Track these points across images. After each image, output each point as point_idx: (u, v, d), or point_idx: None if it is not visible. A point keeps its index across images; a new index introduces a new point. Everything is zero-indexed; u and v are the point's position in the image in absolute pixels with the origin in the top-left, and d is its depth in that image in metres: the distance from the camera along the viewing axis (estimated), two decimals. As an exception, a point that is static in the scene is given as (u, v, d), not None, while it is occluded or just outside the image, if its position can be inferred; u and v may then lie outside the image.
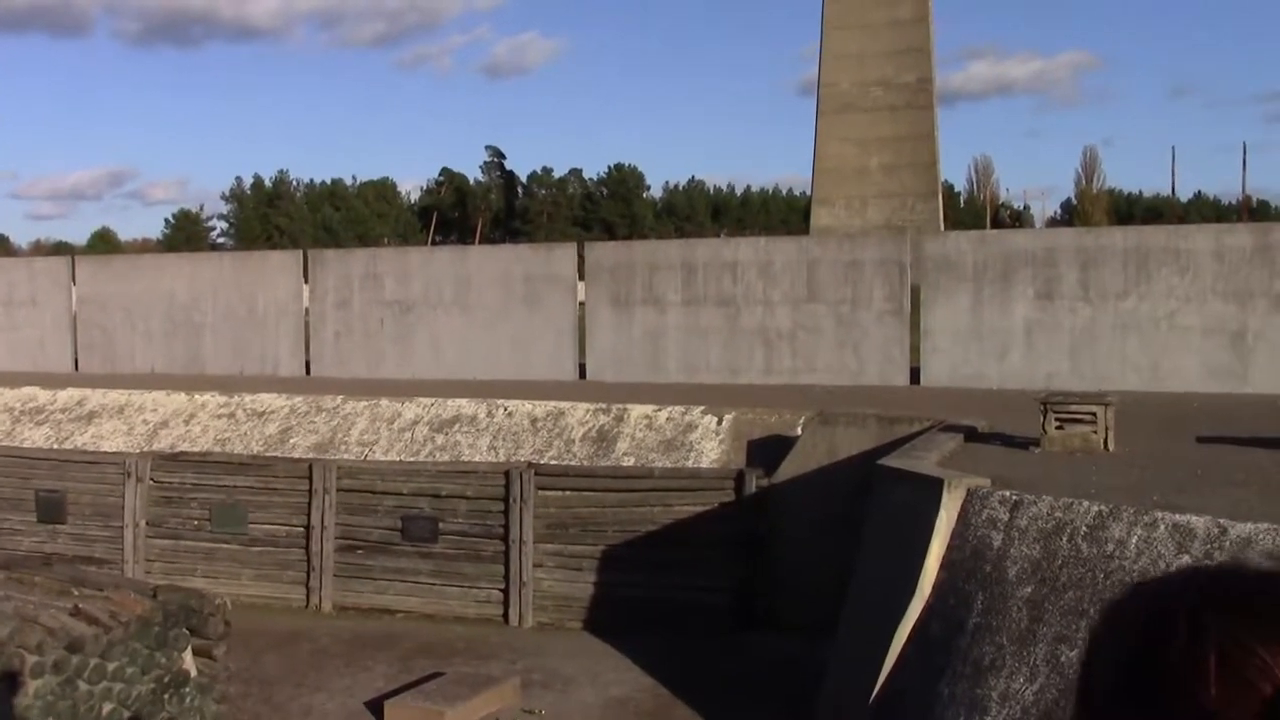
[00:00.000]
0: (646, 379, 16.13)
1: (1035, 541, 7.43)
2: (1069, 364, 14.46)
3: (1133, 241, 14.82)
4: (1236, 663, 0.87)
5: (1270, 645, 0.86)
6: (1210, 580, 0.93)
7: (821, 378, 15.56)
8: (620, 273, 16.69)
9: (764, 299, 16.00)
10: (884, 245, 16.07)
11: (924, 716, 7.34)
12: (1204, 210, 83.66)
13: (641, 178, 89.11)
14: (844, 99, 28.40)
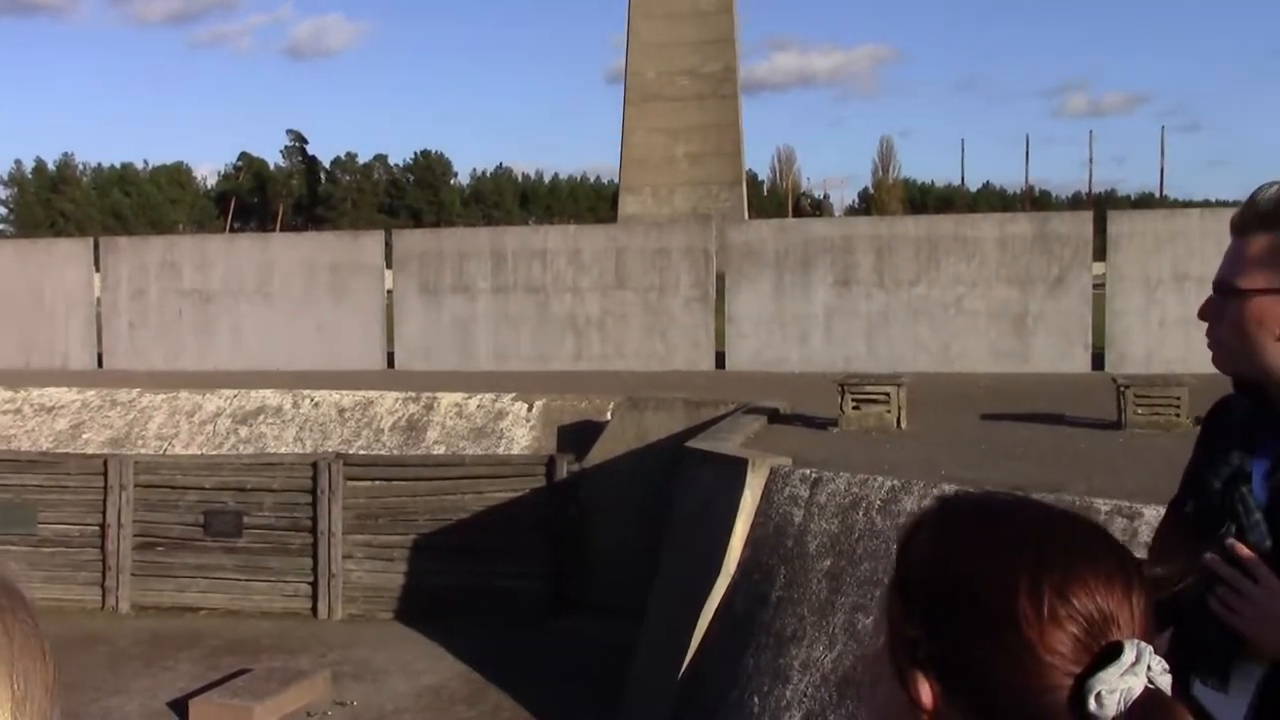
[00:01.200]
0: (456, 367, 16.08)
1: (834, 516, 7.77)
2: (866, 347, 15.05)
3: (923, 230, 15.52)
4: (1064, 608, 0.97)
5: (1097, 596, 0.97)
6: (1019, 522, 1.04)
7: (630, 363, 15.79)
8: (429, 261, 16.56)
9: (573, 286, 16.13)
10: (690, 233, 16.41)
11: (729, 689, 7.60)
12: (991, 200, 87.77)
13: (449, 164, 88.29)
14: (651, 88, 28.71)
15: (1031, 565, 0.98)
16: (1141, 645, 0.96)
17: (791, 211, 63.72)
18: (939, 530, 1.06)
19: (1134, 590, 0.99)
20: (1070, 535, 1.01)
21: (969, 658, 0.99)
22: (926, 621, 1.02)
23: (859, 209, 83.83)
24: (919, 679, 1.01)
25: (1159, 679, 0.96)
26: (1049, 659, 0.96)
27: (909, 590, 1.05)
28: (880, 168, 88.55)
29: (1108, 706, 0.95)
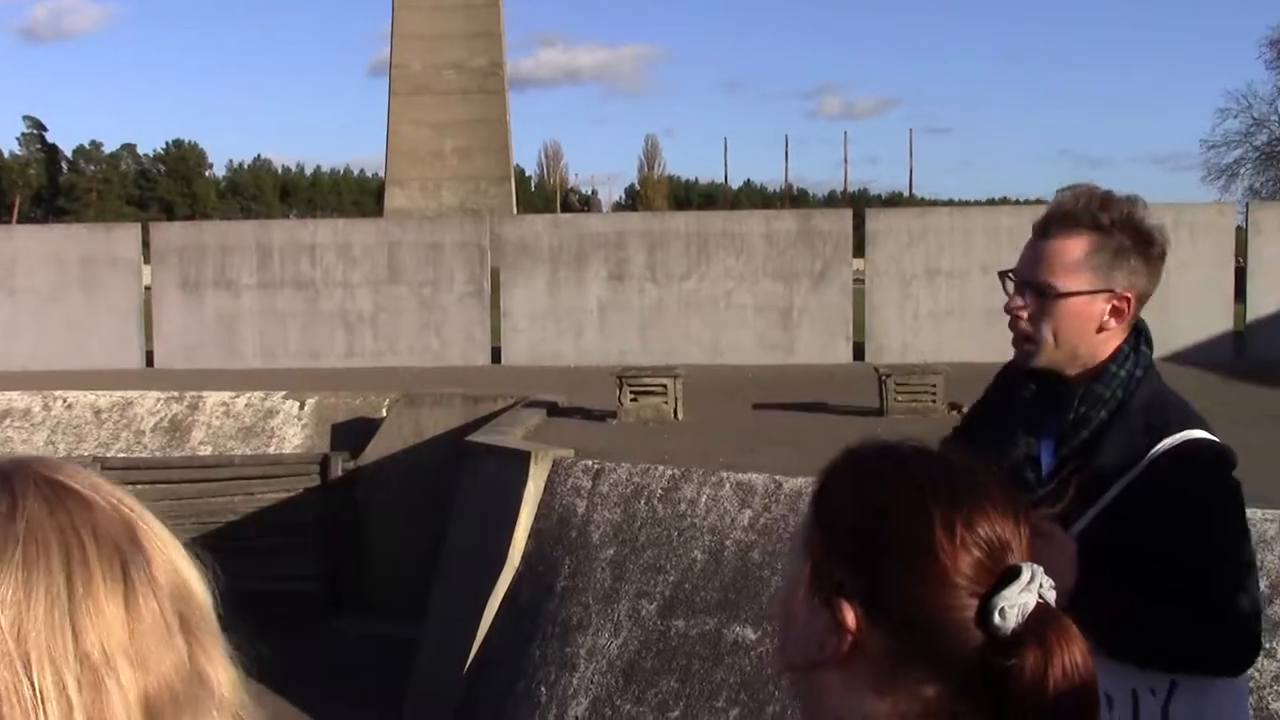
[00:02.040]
0: (221, 365, 15.50)
1: (616, 506, 7.92)
2: (639, 341, 15.32)
3: (694, 226, 15.91)
4: (970, 535, 1.11)
5: (995, 525, 1.11)
6: (931, 467, 1.17)
7: (405, 359, 15.60)
8: (190, 255, 15.91)
9: (344, 282, 15.81)
10: (464, 228, 16.32)
11: (516, 680, 7.65)
12: (753, 197, 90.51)
13: (203, 155, 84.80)
14: (416, 81, 28.36)
15: (943, 501, 1.11)
16: (1035, 567, 1.10)
17: (560, 207, 64.04)
18: (856, 476, 1.18)
19: (1023, 522, 1.13)
20: (971, 476, 1.15)
21: (889, 585, 1.11)
22: (849, 556, 1.14)
23: (626, 205, 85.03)
24: (844, 607, 1.13)
25: (1048, 595, 1.10)
26: (959, 581, 1.09)
27: (830, 531, 1.16)
28: (646, 165, 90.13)
29: (1009, 619, 1.08)
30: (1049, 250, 2.33)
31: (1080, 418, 2.31)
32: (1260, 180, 38.28)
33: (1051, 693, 1.06)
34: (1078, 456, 2.29)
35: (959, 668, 1.10)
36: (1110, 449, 2.27)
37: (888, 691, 1.13)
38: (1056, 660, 1.07)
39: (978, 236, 15.03)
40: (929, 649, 1.11)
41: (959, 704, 1.11)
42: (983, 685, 1.09)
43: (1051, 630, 1.08)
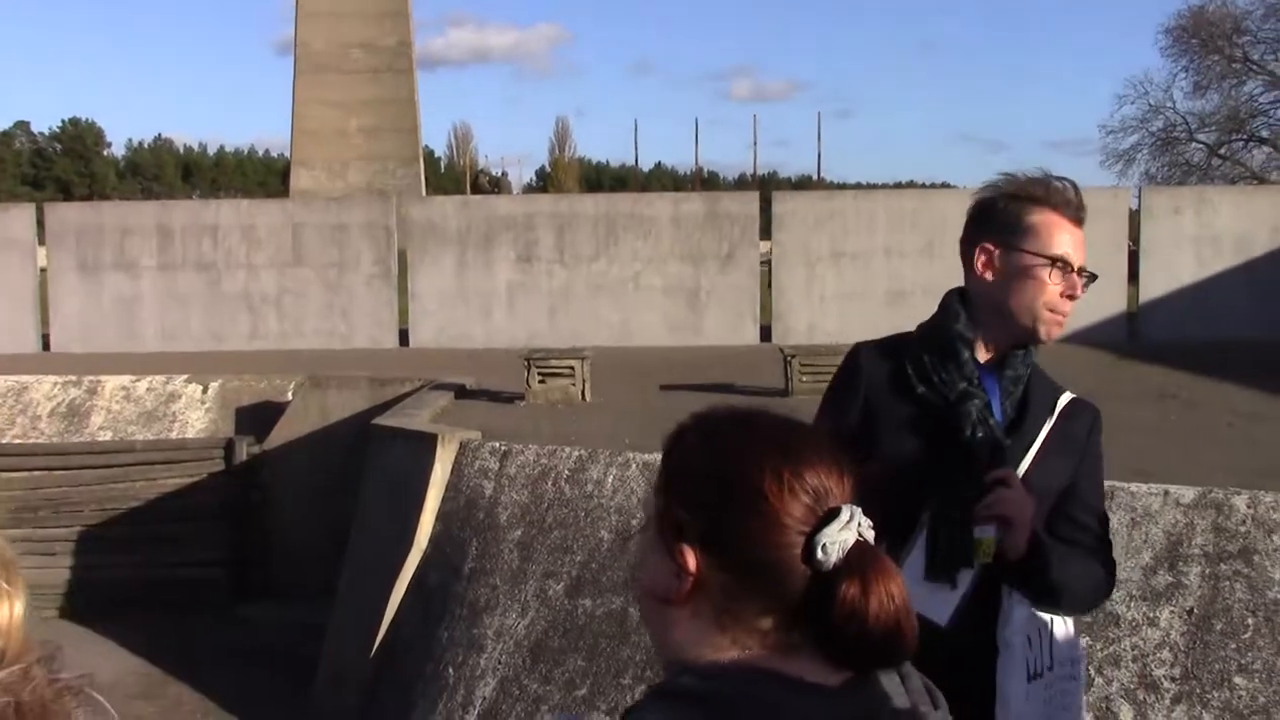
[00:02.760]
0: (121, 348, 15.19)
1: (524, 487, 7.95)
2: (548, 323, 15.33)
3: (603, 208, 15.94)
4: (799, 483, 1.25)
5: (820, 474, 1.27)
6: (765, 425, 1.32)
7: (310, 342, 15.43)
8: (87, 236, 15.55)
9: (247, 263, 15.57)
10: (370, 209, 16.16)
11: (424, 662, 7.66)
12: (664, 180, 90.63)
13: (101, 134, 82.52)
14: (322, 59, 27.91)
15: (775, 453, 1.25)
16: (854, 508, 1.24)
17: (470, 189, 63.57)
18: (701, 432, 1.32)
19: (846, 472, 1.28)
20: (801, 432, 1.30)
21: (726, 528, 1.25)
22: (690, 503, 1.27)
23: (537, 187, 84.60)
24: (685, 550, 1.26)
25: (867, 534, 1.24)
26: (787, 522, 1.23)
27: (674, 479, 1.30)
28: (557, 146, 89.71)
29: (830, 554, 1.22)
30: (1083, 239, 2.57)
31: (1019, 375, 2.53)
32: (1156, 165, 39.33)
33: (868, 621, 1.20)
34: (1017, 411, 2.52)
35: (790, 601, 1.23)
36: (1035, 402, 2.52)
37: (728, 625, 1.25)
38: (873, 592, 1.20)
39: (881, 219, 15.28)
40: (763, 585, 1.24)
41: (792, 635, 1.24)
42: (811, 616, 1.22)
43: (869, 565, 1.22)
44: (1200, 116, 38.89)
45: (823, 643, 1.22)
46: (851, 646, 1.21)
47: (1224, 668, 5.56)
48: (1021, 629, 2.43)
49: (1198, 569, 5.90)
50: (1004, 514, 2.32)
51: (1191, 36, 37.65)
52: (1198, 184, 33.47)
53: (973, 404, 2.45)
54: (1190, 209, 15.25)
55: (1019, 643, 2.42)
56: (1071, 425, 2.52)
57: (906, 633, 1.22)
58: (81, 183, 74.92)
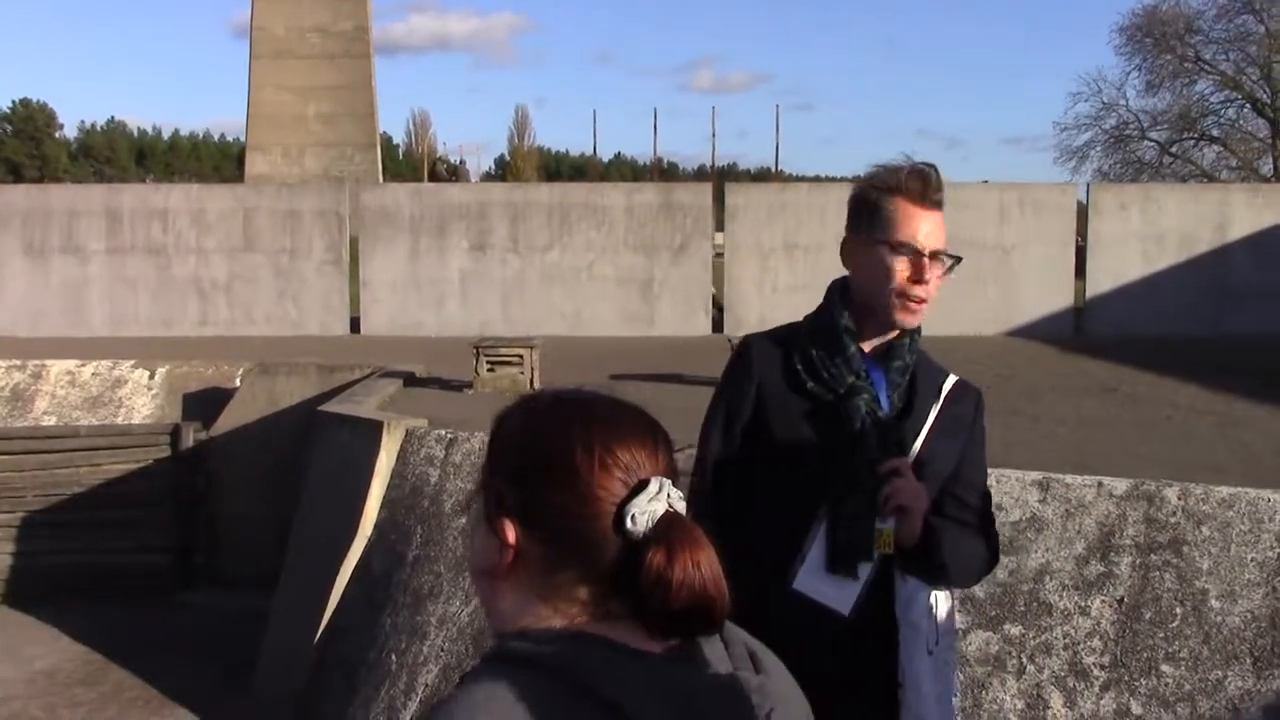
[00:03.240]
0: (68, 333, 15.03)
1: (469, 475, 7.95)
2: (501, 312, 15.31)
3: (556, 197, 15.93)
4: (611, 458, 1.30)
5: (632, 450, 1.31)
6: (581, 403, 1.37)
7: (261, 329, 15.33)
8: (34, 219, 15.35)
9: (198, 248, 15.44)
10: (323, 195, 16.06)
11: (367, 649, 7.65)
12: (623, 170, 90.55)
13: (53, 115, 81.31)
14: (279, 44, 27.74)
15: (588, 430, 1.31)
16: (664, 480, 1.28)
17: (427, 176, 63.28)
18: (522, 414, 1.37)
19: (660, 447, 1.33)
20: (616, 410, 1.35)
21: (542, 501, 1.30)
22: (510, 479, 1.32)
23: (496, 175, 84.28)
24: (505, 523, 1.31)
25: (676, 504, 1.28)
26: (599, 494, 1.27)
27: (496, 459, 1.35)
28: (516, 135, 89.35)
29: (640, 524, 1.26)
30: (941, 221, 2.58)
31: (906, 365, 2.56)
32: (1109, 162, 39.78)
33: (673, 588, 1.24)
34: (904, 397, 2.57)
35: (605, 571, 1.28)
36: (921, 388, 2.57)
37: (549, 596, 1.30)
38: (678, 560, 1.24)
39: (833, 212, 15.35)
40: (578, 556, 1.28)
41: (609, 602, 1.29)
42: (625, 586, 1.26)
43: (676, 534, 1.26)
44: (1152, 115, 39.39)
45: (638, 612, 1.27)
46: (659, 613, 1.25)
47: (1152, 656, 5.67)
48: (923, 610, 2.51)
49: (1129, 559, 6.01)
50: (900, 504, 2.38)
51: (1145, 35, 38.09)
52: (1149, 181, 33.91)
53: (860, 398, 2.50)
54: (1136, 206, 15.46)
55: (924, 625, 2.49)
56: (957, 408, 2.57)
57: (715, 601, 1.26)
58: (32, 165, 73.82)
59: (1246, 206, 15.44)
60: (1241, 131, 39.05)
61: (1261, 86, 38.09)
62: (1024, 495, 6.38)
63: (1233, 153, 38.66)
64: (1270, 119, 37.92)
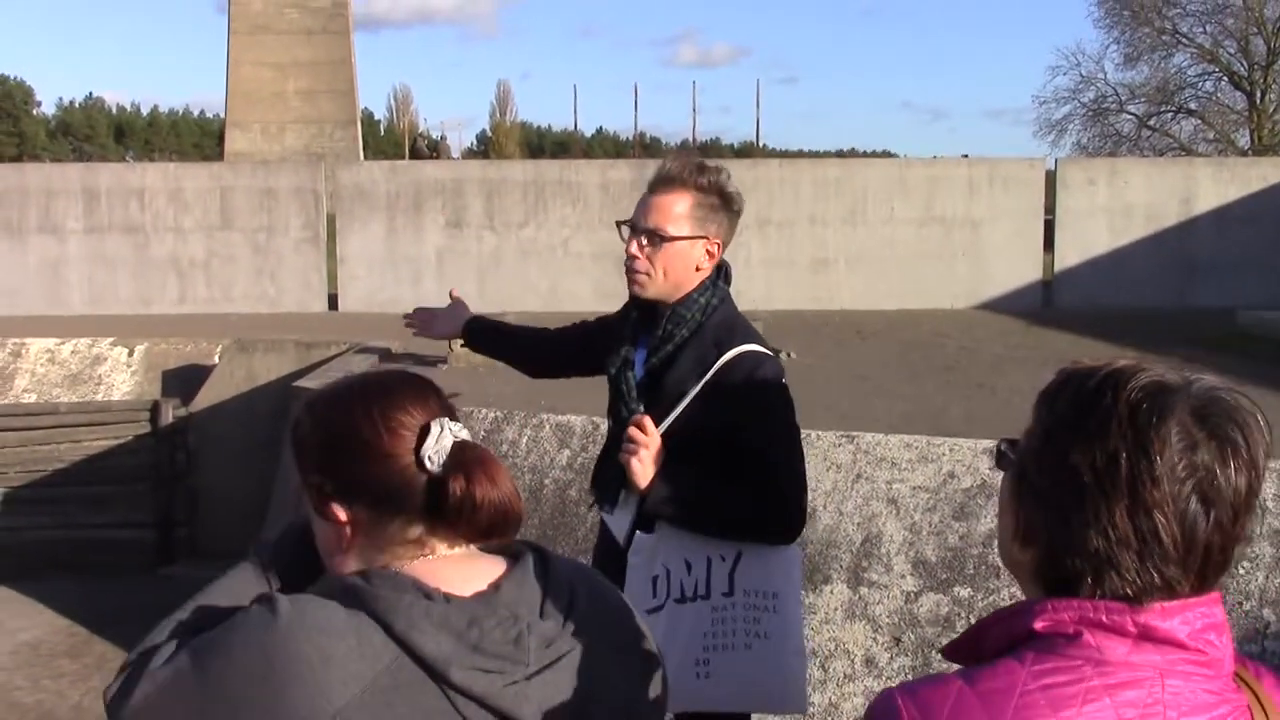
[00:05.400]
0: (46, 312, 15.13)
1: (440, 448, 8.14)
2: (477, 288, 15.42)
3: (531, 174, 16.06)
4: (392, 421, 1.50)
5: (406, 409, 1.51)
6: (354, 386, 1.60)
7: (239, 306, 15.45)
8: (10, 199, 15.41)
9: (175, 227, 15.53)
10: (299, 173, 16.15)
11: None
12: (605, 145, 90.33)
13: (30, 92, 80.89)
14: (257, 19, 27.70)
15: (365, 406, 1.52)
16: (442, 420, 1.50)
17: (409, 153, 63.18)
18: (311, 414, 1.57)
19: (431, 397, 1.56)
20: (384, 380, 1.58)
21: (354, 475, 1.50)
22: (321, 471, 1.53)
23: (478, 151, 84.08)
24: (332, 507, 1.52)
25: (461, 435, 1.51)
26: (395, 452, 1.49)
27: (305, 458, 1.55)
28: (498, 110, 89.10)
29: (436, 462, 1.48)
30: (659, 204, 2.90)
31: (667, 335, 2.89)
32: (1088, 136, 40.00)
33: (479, 504, 1.48)
34: (664, 365, 2.88)
35: (423, 508, 1.50)
36: (687, 360, 2.85)
37: (384, 545, 1.52)
38: (476, 480, 1.48)
39: (806, 188, 15.54)
40: (396, 505, 1.50)
41: (435, 533, 1.51)
42: (440, 515, 1.49)
43: (469, 459, 1.49)
44: (1130, 88, 39.59)
45: (454, 531, 1.51)
46: (466, 526, 1.49)
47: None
48: (649, 553, 2.79)
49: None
50: (628, 451, 2.72)
51: (1123, 8, 38.25)
52: (1126, 155, 34.14)
53: (612, 359, 2.98)
54: (1103, 180, 15.66)
55: (639, 563, 2.78)
56: (729, 376, 2.81)
57: (511, 509, 1.51)
58: (10, 143, 73.40)
59: (1212, 180, 15.66)
60: (1219, 104, 39.27)
61: (1239, 59, 38.30)
62: (975, 463, 6.59)
63: (1210, 125, 38.89)
64: (1247, 92, 38.15)
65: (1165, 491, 1.22)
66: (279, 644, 1.38)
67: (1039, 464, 1.31)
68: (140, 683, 1.44)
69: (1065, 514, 1.26)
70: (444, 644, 1.41)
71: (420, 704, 1.40)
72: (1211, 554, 1.24)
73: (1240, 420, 1.26)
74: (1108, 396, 1.27)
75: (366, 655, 1.39)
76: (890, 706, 1.24)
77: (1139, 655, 1.23)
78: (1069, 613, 1.24)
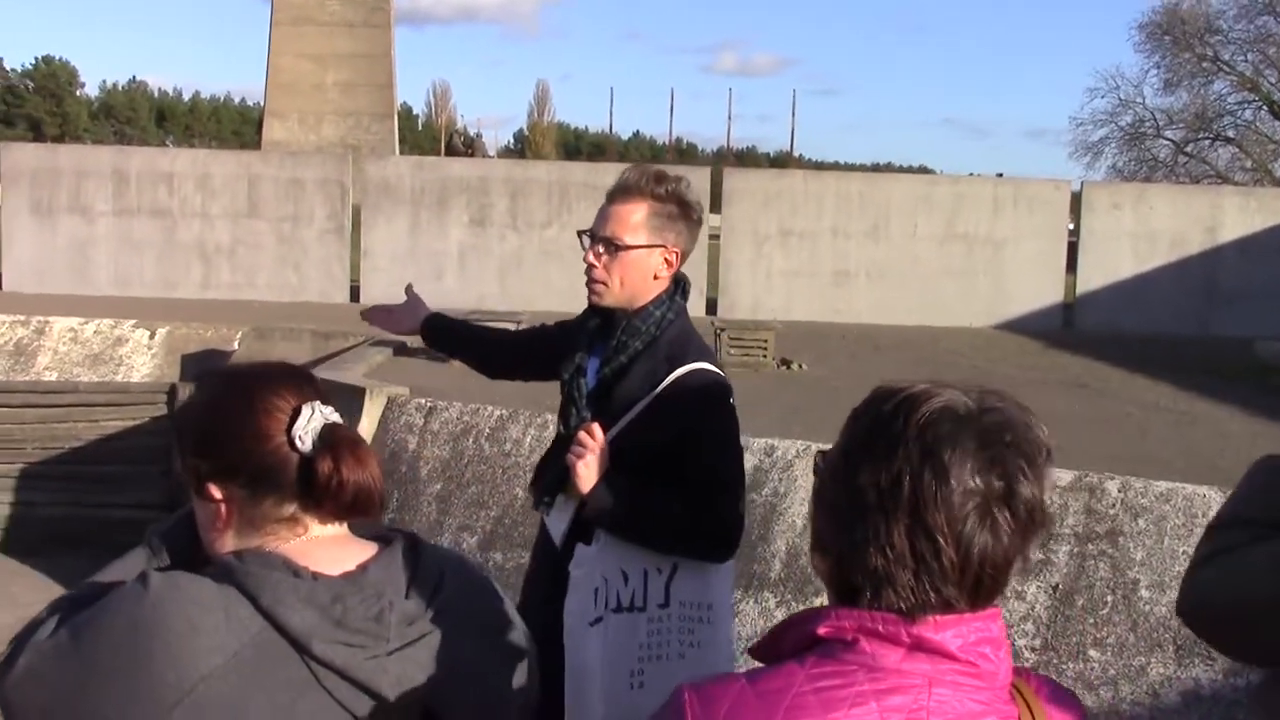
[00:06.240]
0: (73, 291, 15.32)
1: (446, 443, 8.22)
2: (498, 286, 15.54)
3: (556, 175, 16.14)
4: (267, 404, 1.58)
5: (280, 393, 1.59)
6: (231, 374, 1.71)
7: (263, 294, 15.60)
8: (43, 178, 15.62)
9: (202, 212, 15.70)
10: (326, 165, 16.29)
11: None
12: (641, 149, 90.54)
13: (74, 74, 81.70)
14: (299, 11, 27.93)
15: (242, 390, 1.61)
16: (314, 404, 1.59)
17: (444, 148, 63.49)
18: (193, 401, 1.68)
19: (304, 384, 1.65)
20: (259, 368, 1.68)
21: (230, 456, 1.58)
22: (200, 454, 1.60)
23: (514, 150, 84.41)
24: (209, 487, 1.59)
25: (332, 417, 1.60)
26: (268, 433, 1.57)
27: (187, 443, 1.63)
28: (536, 110, 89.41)
29: (307, 442, 1.56)
30: (616, 213, 2.94)
31: (620, 345, 2.91)
32: (1124, 159, 39.80)
33: (345, 484, 1.56)
34: (616, 376, 2.89)
35: (296, 486, 1.57)
36: (638, 373, 2.87)
37: (259, 523, 1.60)
38: (344, 461, 1.57)
39: (830, 201, 15.54)
40: (269, 482, 1.57)
41: (307, 511, 1.59)
42: (310, 493, 1.57)
43: (337, 441, 1.58)
44: (1169, 113, 39.36)
45: (322, 509, 1.58)
46: (333, 504, 1.57)
47: (1080, 640, 5.90)
48: (589, 565, 2.82)
49: (1067, 548, 6.24)
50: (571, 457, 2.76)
51: (1164, 33, 38.02)
52: (1164, 180, 33.93)
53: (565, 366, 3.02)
54: (1129, 205, 15.60)
55: (581, 576, 2.83)
56: (677, 392, 2.83)
57: (374, 489, 1.60)
58: (53, 122, 74.20)
59: (1239, 210, 15.57)
60: (1257, 133, 39.00)
61: (1279, 89, 38.01)
62: (972, 482, 6.62)
63: (1247, 154, 38.61)
64: (1286, 121, 37.86)
65: (945, 514, 1.27)
66: (147, 615, 1.45)
67: (833, 479, 1.35)
68: (25, 653, 1.52)
69: (850, 529, 1.31)
70: (308, 618, 1.48)
71: (283, 675, 1.48)
72: (985, 575, 1.29)
73: (1025, 448, 1.30)
74: (899, 420, 1.31)
75: (234, 627, 1.46)
76: (678, 701, 1.30)
77: (910, 663, 1.28)
78: (850, 620, 1.29)
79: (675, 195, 2.98)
